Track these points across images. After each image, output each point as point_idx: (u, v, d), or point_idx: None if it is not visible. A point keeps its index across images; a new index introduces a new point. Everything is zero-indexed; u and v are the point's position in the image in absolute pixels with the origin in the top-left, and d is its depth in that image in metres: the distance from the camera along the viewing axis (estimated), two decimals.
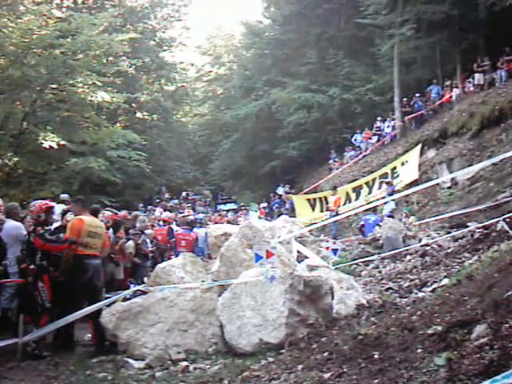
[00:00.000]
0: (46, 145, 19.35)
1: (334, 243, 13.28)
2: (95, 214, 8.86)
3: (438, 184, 18.37)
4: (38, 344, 7.53)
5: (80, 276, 7.99)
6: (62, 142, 19.73)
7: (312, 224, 18.70)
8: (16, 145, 20.24)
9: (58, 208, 10.47)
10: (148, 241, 12.19)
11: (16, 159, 19.50)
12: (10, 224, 8.08)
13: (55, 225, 8.98)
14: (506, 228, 10.60)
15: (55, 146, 19.52)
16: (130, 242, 10.79)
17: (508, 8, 19.93)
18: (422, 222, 16.48)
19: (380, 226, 15.30)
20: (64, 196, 13.36)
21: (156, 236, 13.06)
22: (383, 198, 19.04)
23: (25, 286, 7.78)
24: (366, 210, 16.14)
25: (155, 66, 36.62)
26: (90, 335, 8.36)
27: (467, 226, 13.11)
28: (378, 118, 28.31)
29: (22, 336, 7.27)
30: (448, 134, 21.40)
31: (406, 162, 22.01)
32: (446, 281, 8.78)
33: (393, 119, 27.35)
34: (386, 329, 6.00)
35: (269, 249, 7.46)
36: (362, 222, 17.03)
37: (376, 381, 4.54)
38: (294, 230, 13.66)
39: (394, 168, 22.50)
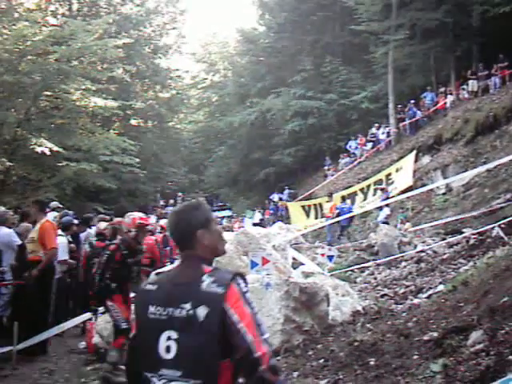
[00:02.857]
0: (38, 150, 19.31)
1: (330, 250, 13.29)
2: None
3: (432, 190, 18.40)
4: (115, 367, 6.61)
5: (51, 280, 7.98)
6: (56, 148, 19.69)
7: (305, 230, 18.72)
8: (10, 151, 20.20)
9: (50, 215, 10.42)
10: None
11: (10, 164, 19.46)
12: (2, 231, 8.03)
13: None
14: (501, 234, 10.60)
15: (48, 153, 19.47)
16: None
17: (502, 15, 20.05)
18: (417, 228, 16.48)
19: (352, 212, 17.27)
20: (54, 204, 13.25)
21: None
22: (378, 204, 19.07)
23: (19, 293, 7.73)
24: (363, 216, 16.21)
25: (150, 72, 36.67)
26: (84, 343, 8.31)
27: (462, 232, 13.12)
28: (375, 125, 28.35)
29: (16, 344, 7.21)
30: (442, 140, 21.45)
31: (401, 168, 22.03)
32: (441, 287, 8.77)
33: (387, 126, 27.40)
34: (381, 335, 5.98)
35: (264, 255, 7.44)
36: (337, 211, 18.53)
37: None
38: (290, 237, 13.64)
39: (389, 174, 22.52)
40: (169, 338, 2.38)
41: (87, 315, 8.10)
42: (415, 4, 24.55)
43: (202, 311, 2.36)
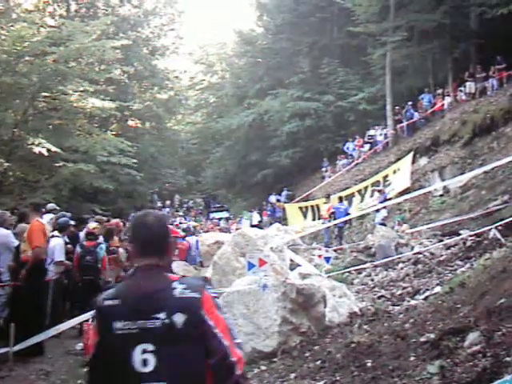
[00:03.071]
0: (36, 150, 19.27)
1: (327, 251, 13.28)
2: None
3: (429, 192, 18.41)
4: None
5: (42, 280, 7.96)
6: (54, 149, 19.66)
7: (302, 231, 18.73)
8: (7, 153, 20.17)
9: (46, 217, 10.39)
10: None
11: (7, 165, 19.42)
12: (1, 232, 8.04)
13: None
14: (498, 236, 10.61)
15: (45, 153, 19.44)
16: (121, 250, 10.75)
17: (499, 17, 20.08)
18: (414, 229, 16.48)
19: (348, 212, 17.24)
20: (51, 206, 13.22)
21: None
22: (375, 206, 19.08)
23: (16, 294, 7.72)
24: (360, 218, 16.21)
25: (148, 73, 36.64)
26: (81, 344, 8.30)
27: (459, 234, 13.12)
28: (373, 127, 28.38)
29: (12, 345, 7.19)
30: (440, 142, 21.46)
31: (398, 170, 22.03)
32: (438, 289, 8.78)
33: (385, 127, 27.43)
34: (378, 337, 5.99)
35: (261, 257, 7.44)
36: (332, 210, 18.54)
37: None
38: (287, 239, 13.64)
39: (386, 176, 22.51)
40: (144, 351, 2.32)
41: (85, 316, 8.09)
42: (413, 6, 24.61)
43: (179, 318, 2.34)
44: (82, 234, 10.69)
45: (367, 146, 28.13)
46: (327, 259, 11.39)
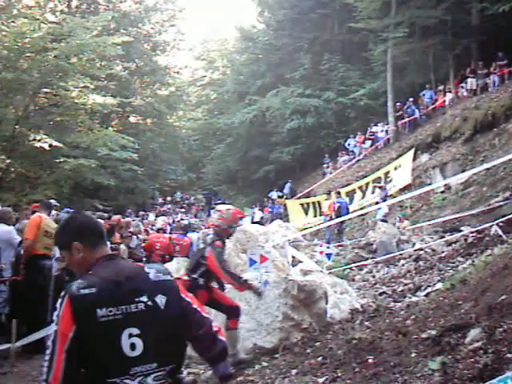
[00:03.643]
0: (37, 145, 19.29)
1: (328, 248, 13.29)
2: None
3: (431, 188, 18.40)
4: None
5: (37, 276, 7.95)
6: (55, 144, 19.67)
7: (305, 229, 18.69)
8: (9, 149, 20.18)
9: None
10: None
11: (9, 161, 19.45)
12: (3, 228, 8.05)
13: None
14: (500, 232, 10.61)
15: (47, 148, 19.46)
16: (122, 246, 10.75)
17: (501, 13, 20.06)
18: (415, 226, 16.49)
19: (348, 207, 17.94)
20: (51, 202, 13.21)
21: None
22: (377, 203, 19.09)
23: (17, 290, 7.73)
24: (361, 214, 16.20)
25: (149, 69, 36.63)
26: None
27: (461, 231, 13.12)
28: (374, 123, 28.35)
29: (14, 341, 7.20)
30: (441, 138, 21.45)
31: (399, 166, 22.03)
32: (439, 285, 8.78)
33: (386, 124, 27.41)
34: (380, 333, 5.98)
35: (263, 253, 7.43)
36: (337, 204, 18.57)
37: None
38: (288, 235, 13.64)
39: (388, 172, 22.51)
40: (131, 336, 2.36)
41: None
42: (414, 2, 24.56)
43: (160, 300, 2.45)
44: None
45: (368, 143, 28.12)
46: (328, 256, 11.41)
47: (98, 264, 2.52)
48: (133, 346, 2.36)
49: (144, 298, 2.41)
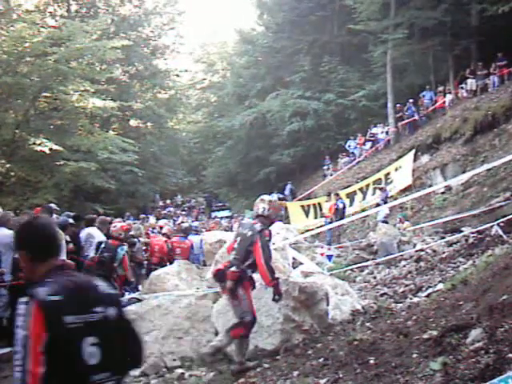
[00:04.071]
0: (38, 149, 19.31)
1: (329, 249, 13.29)
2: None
3: None
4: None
5: None
6: (56, 147, 19.69)
7: (307, 231, 18.67)
8: (9, 153, 20.21)
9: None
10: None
11: (9, 165, 19.47)
12: (3, 232, 8.05)
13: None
14: (500, 232, 10.61)
15: (47, 151, 19.47)
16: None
17: (500, 14, 20.07)
18: (416, 227, 16.48)
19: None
20: (52, 206, 13.18)
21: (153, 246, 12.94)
22: (378, 204, 19.07)
23: (18, 294, 7.72)
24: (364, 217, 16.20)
25: (149, 73, 36.65)
26: None
27: (461, 231, 13.13)
28: (375, 125, 28.35)
29: None
30: (441, 139, 21.45)
31: (400, 167, 22.02)
32: (440, 286, 8.77)
33: (386, 125, 27.41)
34: (381, 334, 5.99)
35: None
36: (340, 205, 19.12)
37: None
38: (289, 237, 13.63)
39: (388, 174, 22.51)
40: (90, 344, 2.42)
41: None
42: (414, 3, 24.58)
43: (112, 311, 2.57)
44: (82, 234, 10.60)
45: (369, 144, 28.10)
46: (329, 257, 11.42)
47: (53, 274, 2.54)
48: (92, 354, 2.42)
49: (99, 309, 2.50)
